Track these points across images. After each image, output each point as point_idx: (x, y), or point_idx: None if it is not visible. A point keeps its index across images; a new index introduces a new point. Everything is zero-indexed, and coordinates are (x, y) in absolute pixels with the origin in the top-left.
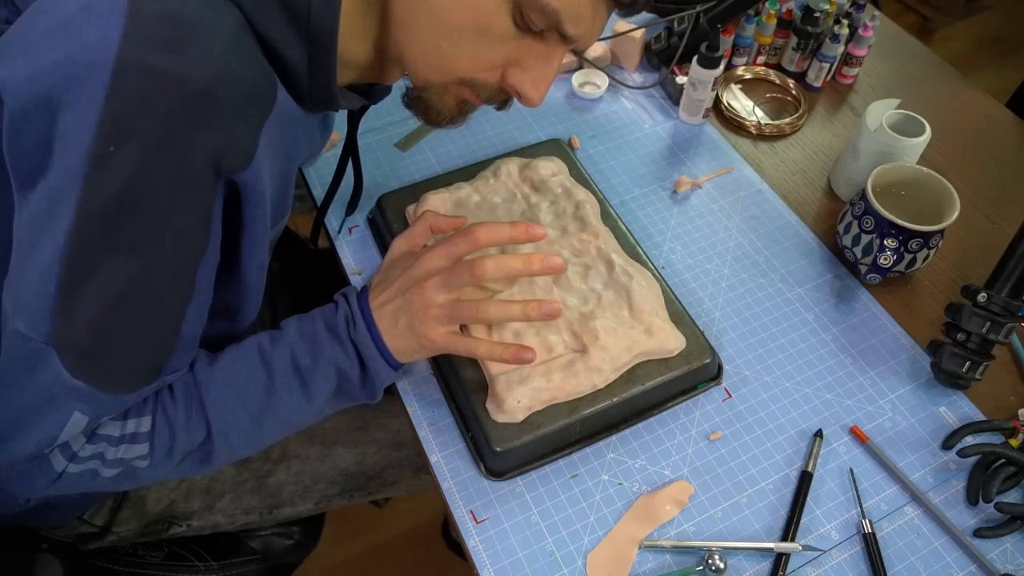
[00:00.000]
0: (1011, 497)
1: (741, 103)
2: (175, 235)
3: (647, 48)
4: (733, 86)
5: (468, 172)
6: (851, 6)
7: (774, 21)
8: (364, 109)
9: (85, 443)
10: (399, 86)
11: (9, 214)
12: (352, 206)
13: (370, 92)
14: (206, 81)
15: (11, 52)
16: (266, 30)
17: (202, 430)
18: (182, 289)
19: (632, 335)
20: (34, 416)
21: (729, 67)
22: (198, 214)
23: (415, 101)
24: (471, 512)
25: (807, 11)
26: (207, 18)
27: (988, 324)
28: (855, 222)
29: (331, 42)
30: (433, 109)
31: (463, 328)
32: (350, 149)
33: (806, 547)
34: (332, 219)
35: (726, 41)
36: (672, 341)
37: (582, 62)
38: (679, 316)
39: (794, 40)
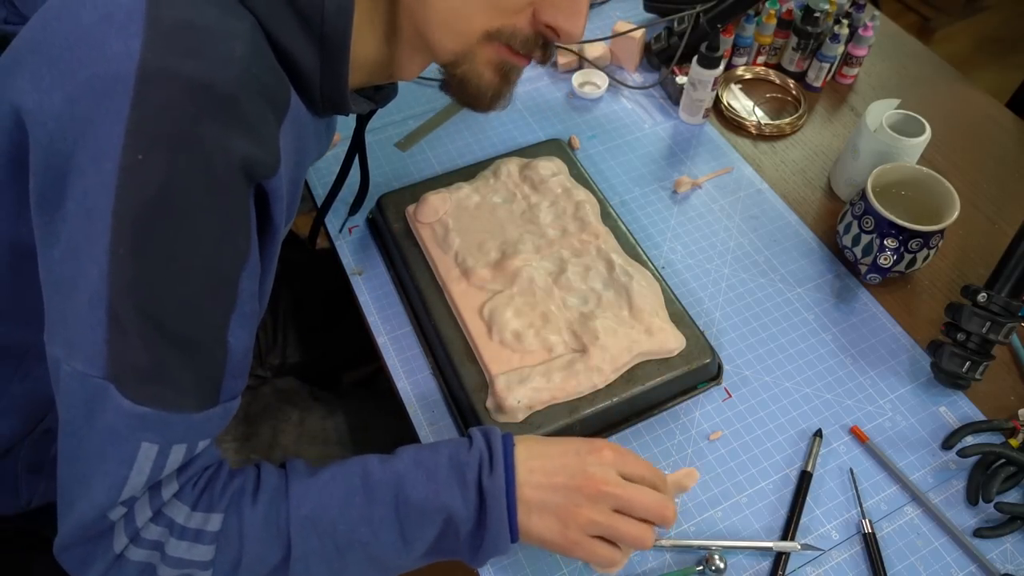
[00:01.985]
0: (1011, 497)
1: (741, 103)
2: (212, 241)
3: (647, 48)
4: (733, 86)
5: (468, 172)
6: (851, 6)
7: (774, 21)
8: (371, 113)
9: (149, 521)
10: (404, 86)
11: (20, 243)
12: (357, 205)
13: (375, 96)
14: (229, 85)
15: (30, 64)
16: (280, 36)
17: (279, 550)
18: (225, 297)
19: (632, 335)
20: (99, 463)
21: (729, 67)
22: (234, 220)
23: (454, 84)
24: None
25: (807, 11)
26: (225, 24)
27: (988, 324)
28: (855, 222)
29: (344, 47)
30: (472, 85)
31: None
32: (358, 148)
33: (806, 546)
34: (332, 219)
35: (726, 41)
36: (672, 341)
37: (582, 62)
38: (679, 316)
39: (794, 40)
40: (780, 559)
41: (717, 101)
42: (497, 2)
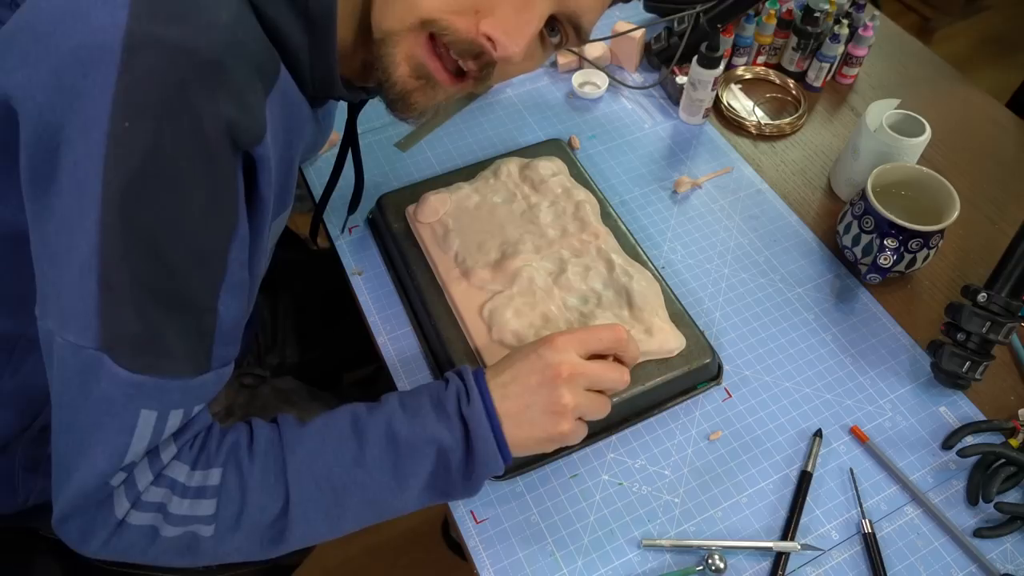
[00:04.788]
0: (1011, 497)
1: (741, 103)
2: (200, 208)
3: (647, 48)
4: (733, 86)
5: (468, 172)
6: (851, 6)
7: (774, 21)
8: (362, 103)
9: (150, 484)
10: None
11: (15, 228)
12: (355, 202)
13: (366, 87)
14: (215, 50)
15: (19, 42)
16: (266, 9)
17: (279, 499)
18: (213, 265)
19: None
20: (97, 432)
21: (729, 67)
22: (221, 187)
23: (371, 63)
24: (471, 512)
25: (807, 11)
26: None
27: (988, 324)
28: (855, 222)
29: (330, 24)
30: (383, 71)
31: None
32: (350, 141)
33: (805, 546)
34: (333, 218)
35: (726, 41)
36: (672, 341)
37: (582, 62)
38: (679, 316)
39: (794, 40)
40: (780, 559)
41: (717, 101)
42: None
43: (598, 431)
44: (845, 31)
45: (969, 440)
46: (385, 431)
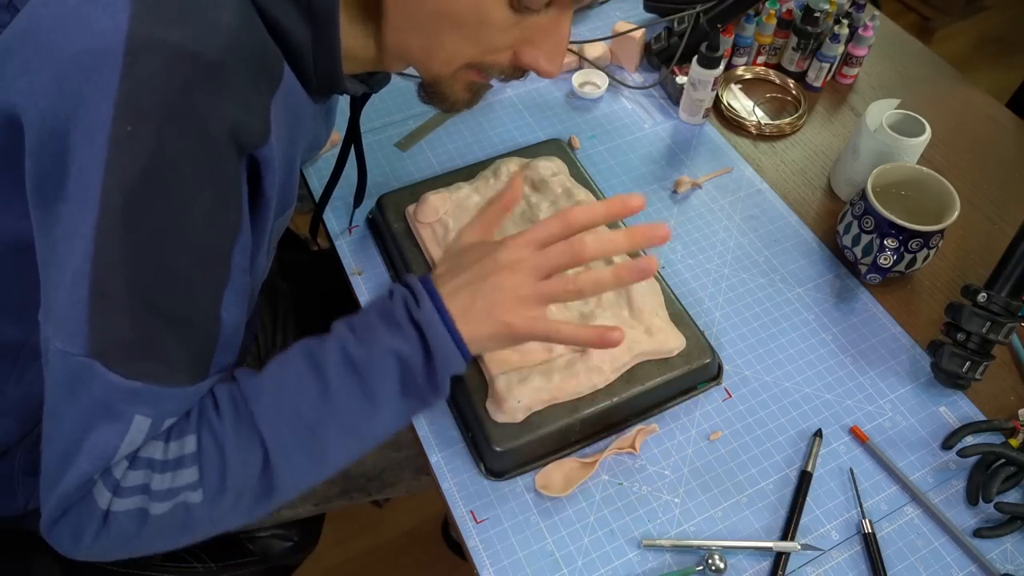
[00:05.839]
0: (1011, 497)
1: (741, 103)
2: (204, 214)
3: (647, 48)
4: (733, 86)
5: (468, 172)
6: (851, 6)
7: (774, 21)
8: (366, 98)
9: (127, 469)
10: (404, 86)
11: (8, 235)
12: (359, 197)
13: (369, 80)
14: (218, 52)
15: (20, 51)
16: (268, 7)
17: (257, 450)
18: (217, 270)
19: (632, 335)
20: (84, 437)
21: (729, 67)
22: (225, 192)
23: (429, 95)
24: (471, 512)
25: (807, 11)
26: None
27: (988, 324)
28: (855, 222)
29: (332, 20)
30: (447, 100)
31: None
32: (353, 137)
33: (805, 546)
34: (333, 218)
35: (726, 41)
36: (672, 341)
37: (582, 62)
38: (679, 316)
39: (794, 40)
40: (780, 559)
41: (717, 101)
42: (483, 45)
43: (599, 431)
44: (845, 31)
45: (969, 440)
46: (342, 358)
